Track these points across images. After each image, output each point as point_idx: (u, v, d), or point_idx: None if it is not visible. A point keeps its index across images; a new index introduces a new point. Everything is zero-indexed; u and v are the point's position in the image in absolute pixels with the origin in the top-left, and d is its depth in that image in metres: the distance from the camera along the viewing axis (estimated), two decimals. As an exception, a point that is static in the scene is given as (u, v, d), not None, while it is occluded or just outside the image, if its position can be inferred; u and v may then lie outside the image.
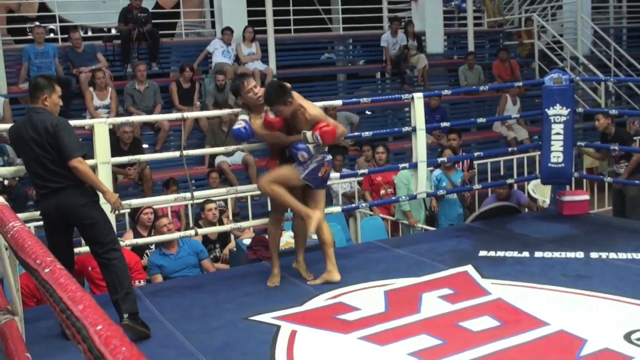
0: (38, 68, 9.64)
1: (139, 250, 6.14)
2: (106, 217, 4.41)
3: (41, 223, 5.54)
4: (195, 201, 6.11)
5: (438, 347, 3.88)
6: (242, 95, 5.13)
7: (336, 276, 5.06)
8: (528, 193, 8.19)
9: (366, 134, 6.84)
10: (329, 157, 5.11)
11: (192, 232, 5.81)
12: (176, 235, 5.84)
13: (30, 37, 10.38)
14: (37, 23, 10.51)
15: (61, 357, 3.85)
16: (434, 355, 3.76)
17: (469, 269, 5.23)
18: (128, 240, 5.49)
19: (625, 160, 7.74)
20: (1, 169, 5.70)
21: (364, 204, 7.43)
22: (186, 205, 7.37)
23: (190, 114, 6.74)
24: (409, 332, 4.08)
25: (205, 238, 6.58)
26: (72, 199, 4.21)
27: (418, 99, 6.26)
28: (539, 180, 7.37)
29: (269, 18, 11.33)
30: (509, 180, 7.41)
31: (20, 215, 3.93)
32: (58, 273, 1.33)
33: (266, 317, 4.42)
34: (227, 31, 10.91)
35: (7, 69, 9.77)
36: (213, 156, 9.18)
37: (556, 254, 5.54)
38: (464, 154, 8.42)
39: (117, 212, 4.58)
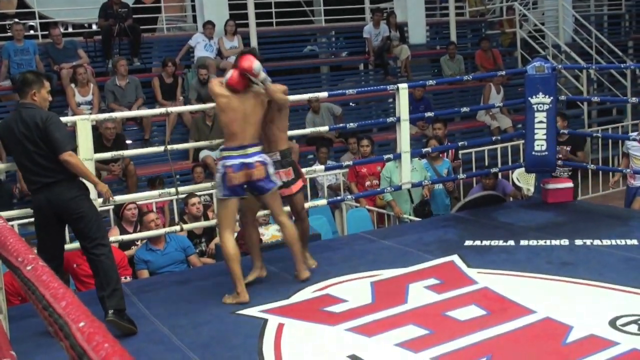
0: (18, 65, 9.55)
1: (125, 246, 6.11)
2: (96, 212, 4.42)
3: (25, 220, 5.52)
4: (180, 196, 6.09)
5: (425, 337, 3.90)
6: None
7: (303, 275, 4.97)
8: (513, 182, 8.22)
9: (351, 125, 6.84)
10: (231, 161, 4.65)
11: (177, 227, 5.79)
12: (162, 231, 5.82)
13: (9, 34, 10.28)
14: (16, 20, 10.41)
15: (46, 355, 3.82)
16: (422, 346, 3.77)
17: (455, 258, 5.24)
18: (114, 237, 5.45)
19: None
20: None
21: (349, 196, 7.43)
22: (171, 201, 7.33)
23: (174, 109, 6.69)
24: (396, 323, 4.09)
25: (191, 233, 6.56)
26: (63, 192, 4.21)
27: (403, 89, 6.27)
28: (523, 169, 7.39)
29: (251, 11, 11.30)
30: (494, 170, 7.43)
31: (3, 213, 3.91)
32: (40, 270, 1.32)
33: (253, 311, 4.42)
34: (209, 25, 10.86)
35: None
36: (197, 151, 9.14)
37: (541, 242, 5.57)
38: (449, 143, 8.44)
39: (109, 203, 4.64)
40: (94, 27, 11.57)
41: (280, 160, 4.93)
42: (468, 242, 5.69)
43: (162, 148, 5.55)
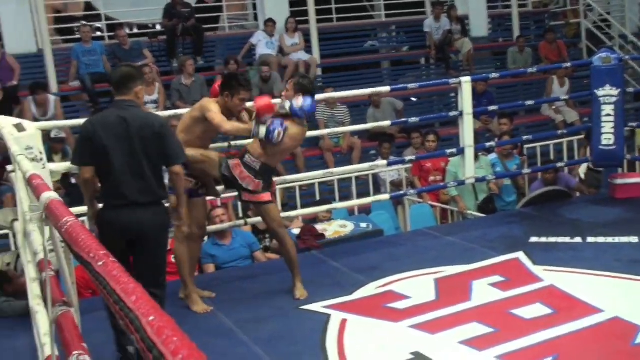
0: (87, 66, 9.83)
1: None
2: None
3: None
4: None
5: (489, 335, 3.85)
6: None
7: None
8: (580, 176, 8.03)
9: (413, 119, 6.79)
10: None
11: (241, 222, 5.85)
12: (226, 225, 5.89)
13: (78, 36, 10.57)
14: (84, 22, 10.69)
15: (115, 346, 3.93)
16: (486, 344, 3.73)
17: (520, 255, 5.15)
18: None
19: None
20: (54, 165, 5.83)
21: (412, 191, 7.38)
22: (235, 197, 7.42)
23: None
24: (460, 321, 4.06)
25: (255, 228, 6.62)
26: (154, 217, 3.80)
27: (466, 83, 6.19)
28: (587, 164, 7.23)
29: (311, 8, 11.33)
30: (559, 164, 7.28)
31: (74, 210, 4.02)
32: (111, 266, 1.35)
33: (317, 307, 4.44)
34: (270, 22, 10.95)
35: (57, 68, 9.96)
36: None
37: (609, 239, 5.43)
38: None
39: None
40: (158, 27, 11.79)
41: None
42: (533, 239, 5.59)
43: (225, 144, 5.62)
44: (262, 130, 4.46)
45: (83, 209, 4.89)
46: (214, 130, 4.57)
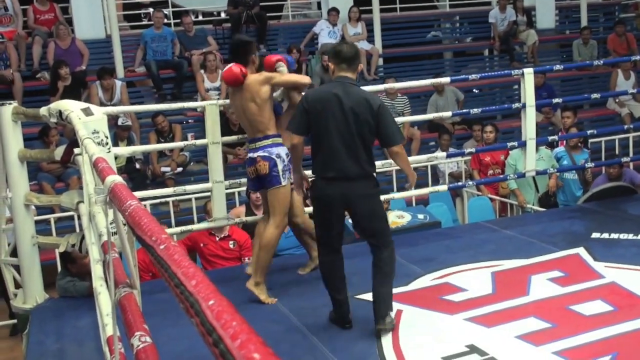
0: (154, 52, 10.02)
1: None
2: (385, 212, 4.26)
3: (156, 201, 5.76)
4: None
5: (547, 330, 3.81)
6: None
7: (248, 283, 4.58)
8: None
9: (474, 111, 6.71)
10: (248, 155, 4.61)
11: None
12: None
13: (144, 22, 10.76)
14: (151, 9, 10.88)
15: (174, 329, 4.02)
16: (543, 339, 3.68)
17: (581, 251, 5.06)
18: (238, 219, 5.61)
19: None
20: (118, 149, 5.97)
21: (470, 182, 7.31)
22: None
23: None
24: (517, 315, 4.02)
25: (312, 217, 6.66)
26: (361, 189, 3.90)
27: (528, 74, 6.08)
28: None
29: (375, -3, 11.28)
30: (624, 159, 7.09)
31: (137, 194, 4.12)
32: (172, 250, 1.39)
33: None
34: (333, 12, 10.95)
35: (123, 53, 10.17)
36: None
37: (675, 237, 5.29)
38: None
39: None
40: (223, 14, 11.91)
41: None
42: (595, 235, 5.48)
43: (285, 133, 5.65)
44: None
45: (146, 193, 5.02)
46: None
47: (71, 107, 4.12)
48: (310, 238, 4.78)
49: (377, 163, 6.37)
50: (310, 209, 4.75)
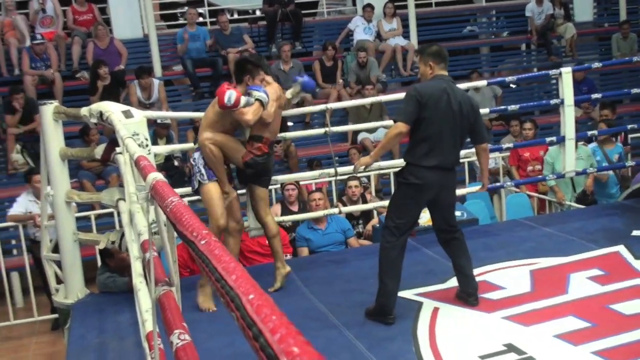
0: (189, 50, 10.10)
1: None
2: None
3: (194, 198, 5.79)
4: (339, 177, 6.20)
5: (586, 329, 3.76)
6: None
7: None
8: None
9: (512, 107, 6.63)
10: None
11: (336, 210, 5.91)
12: (320, 213, 5.95)
13: (181, 21, 10.86)
14: (187, 8, 10.98)
15: (212, 324, 4.06)
16: (582, 339, 3.64)
17: (621, 249, 4.99)
18: (278, 218, 5.63)
19: None
20: (157, 147, 6.05)
21: (508, 182, 7.23)
22: (329, 183, 7.50)
23: (334, 105, 6.62)
24: (556, 314, 3.98)
25: (348, 214, 6.67)
26: (453, 179, 4.27)
27: (566, 73, 5.98)
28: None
29: (410, -8, 11.23)
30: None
31: (178, 191, 4.17)
32: (213, 245, 1.41)
33: (409, 294, 4.45)
34: (368, 8, 10.93)
35: (161, 52, 10.28)
36: (356, 133, 9.27)
37: None
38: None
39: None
40: (258, 12, 11.97)
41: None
42: (636, 232, 5.39)
43: (322, 130, 5.67)
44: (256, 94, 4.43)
45: (187, 190, 5.05)
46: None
47: (112, 109, 4.19)
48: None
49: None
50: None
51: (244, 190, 5.02)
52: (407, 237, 4.22)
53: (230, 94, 4.31)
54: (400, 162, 6.71)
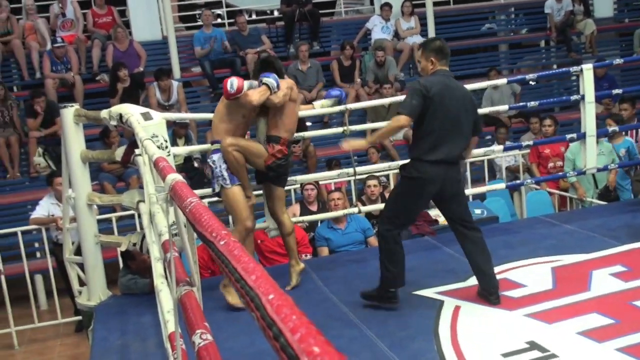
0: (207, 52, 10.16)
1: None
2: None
3: (213, 199, 5.83)
4: (358, 177, 6.19)
5: (610, 326, 3.73)
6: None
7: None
8: None
9: (532, 103, 6.59)
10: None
11: (355, 209, 5.90)
12: (340, 212, 5.95)
13: (199, 22, 10.91)
14: (205, 9, 11.04)
15: (233, 325, 4.08)
16: (606, 335, 3.61)
17: (644, 245, 4.94)
18: (294, 218, 5.65)
19: None
20: (177, 148, 6.07)
21: (529, 180, 7.19)
22: (348, 182, 7.49)
23: (353, 106, 6.61)
24: (578, 311, 3.95)
25: (368, 213, 6.66)
26: (457, 173, 4.30)
27: (587, 70, 5.92)
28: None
29: (428, -10, 11.20)
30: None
31: (197, 192, 4.19)
32: (232, 245, 1.41)
33: (430, 292, 4.44)
34: (386, 7, 10.92)
35: (180, 54, 10.33)
36: (374, 131, 9.26)
37: None
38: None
39: None
40: (276, 13, 11.99)
41: None
42: (659, 229, 5.34)
43: (341, 129, 5.67)
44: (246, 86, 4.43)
45: (206, 191, 5.08)
46: (251, 112, 4.62)
47: (131, 111, 4.22)
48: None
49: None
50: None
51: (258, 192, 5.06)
52: (402, 230, 4.31)
53: (231, 80, 4.40)
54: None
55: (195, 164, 8.41)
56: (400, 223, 4.25)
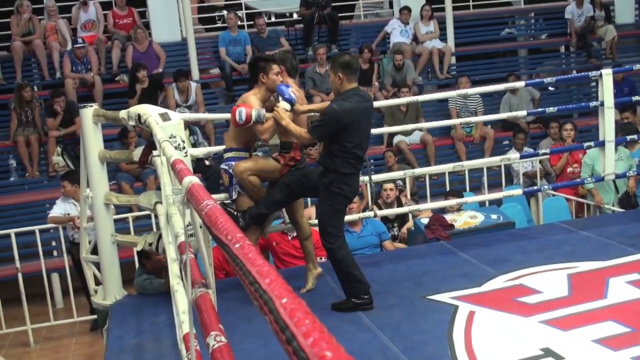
0: (229, 54, 10.18)
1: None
2: None
3: (227, 201, 5.86)
4: (374, 181, 6.19)
5: (626, 335, 3.70)
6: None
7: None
8: None
9: (550, 109, 6.56)
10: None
11: (371, 213, 5.90)
12: (356, 216, 5.95)
13: (218, 25, 10.95)
14: (225, 12, 11.07)
15: (248, 326, 4.09)
16: (622, 344, 3.59)
17: (662, 253, 4.90)
18: (311, 221, 5.64)
19: None
20: (194, 149, 6.10)
21: (546, 186, 7.15)
22: (365, 185, 7.48)
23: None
24: (594, 318, 3.92)
25: (384, 217, 6.66)
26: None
27: (607, 75, 5.88)
28: None
29: (448, -5, 11.18)
30: None
31: (214, 196, 4.20)
32: (247, 248, 1.42)
33: (444, 297, 4.42)
34: (405, 10, 10.90)
35: (199, 56, 10.38)
36: (392, 136, 9.25)
37: None
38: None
39: None
40: (295, 15, 12.02)
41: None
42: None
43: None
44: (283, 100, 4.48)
45: (220, 196, 5.11)
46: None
47: (150, 112, 4.24)
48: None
49: (447, 166, 6.38)
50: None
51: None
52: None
53: (239, 111, 4.47)
54: (438, 168, 6.74)
55: (207, 162, 8.39)
56: (341, 233, 4.50)
